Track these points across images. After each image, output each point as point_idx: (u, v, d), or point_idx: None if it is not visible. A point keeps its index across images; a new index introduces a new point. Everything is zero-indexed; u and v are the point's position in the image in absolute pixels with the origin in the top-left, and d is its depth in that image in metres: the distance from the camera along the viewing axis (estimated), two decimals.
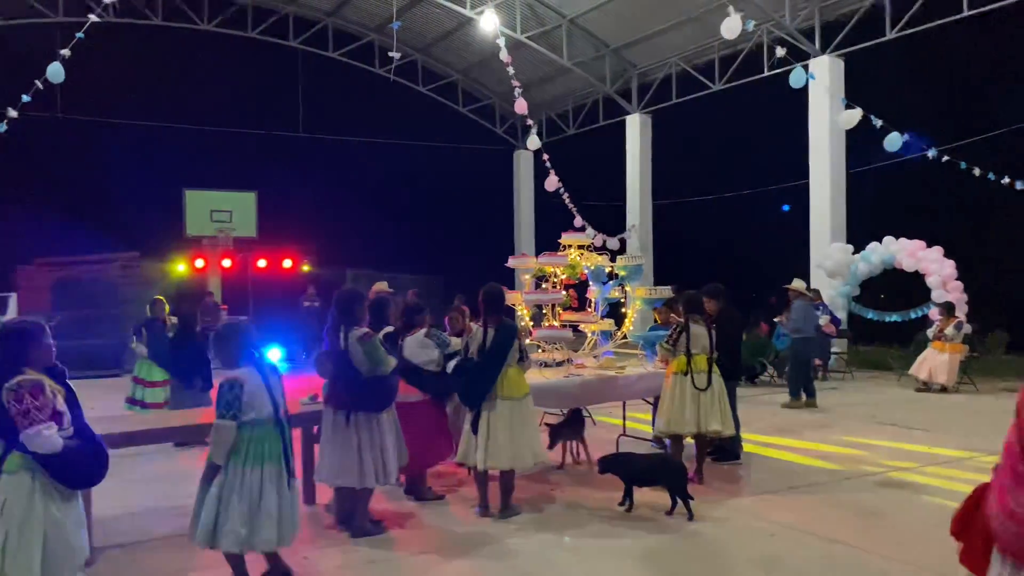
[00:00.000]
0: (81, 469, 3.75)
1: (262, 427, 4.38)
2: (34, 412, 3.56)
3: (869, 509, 6.04)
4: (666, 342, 6.85)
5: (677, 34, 18.31)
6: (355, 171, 24.32)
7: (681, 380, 6.68)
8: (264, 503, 4.32)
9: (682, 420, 6.63)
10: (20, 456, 3.58)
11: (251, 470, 4.32)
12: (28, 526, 3.55)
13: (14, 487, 3.57)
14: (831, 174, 15.57)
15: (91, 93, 18.48)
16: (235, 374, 4.36)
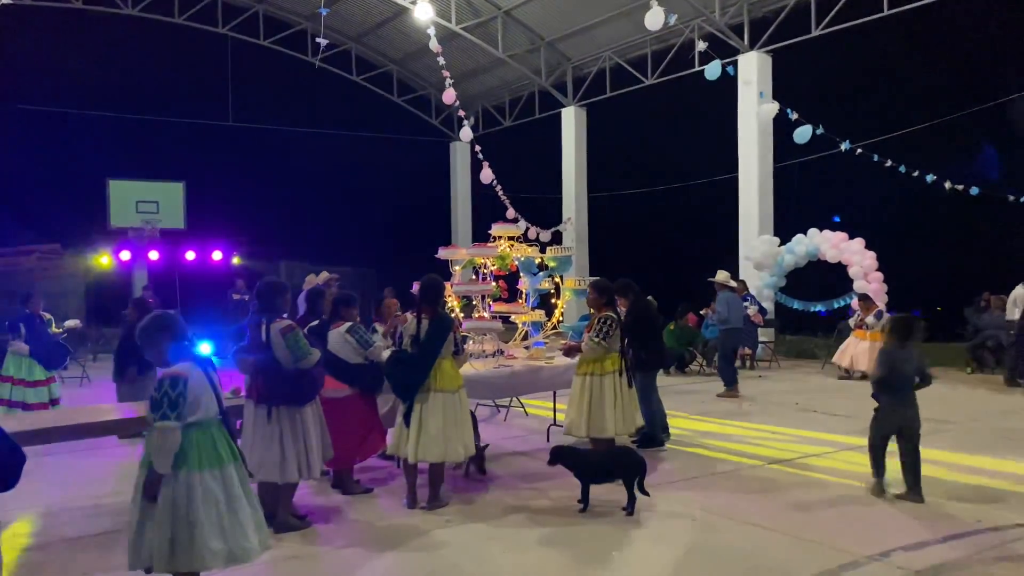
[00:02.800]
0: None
1: (212, 426, 3.94)
2: None
3: (787, 493, 6.22)
4: (595, 336, 6.44)
5: (611, 28, 18.47)
6: (287, 161, 23.93)
7: (612, 379, 6.45)
8: (240, 509, 3.91)
9: (610, 422, 6.41)
10: None
11: (211, 474, 3.83)
12: None
13: None
14: (759, 168, 15.96)
15: (9, 78, 17.73)
16: (176, 369, 3.85)
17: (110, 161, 19.81)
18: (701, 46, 13.75)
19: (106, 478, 6.91)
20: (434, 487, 5.90)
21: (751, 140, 16.02)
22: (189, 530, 3.74)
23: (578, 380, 6.58)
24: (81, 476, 7.05)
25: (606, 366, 6.49)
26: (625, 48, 19.03)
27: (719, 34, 16.09)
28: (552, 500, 6.03)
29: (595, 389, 6.47)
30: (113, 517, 5.64)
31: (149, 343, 4.02)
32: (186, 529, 3.74)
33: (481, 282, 7.73)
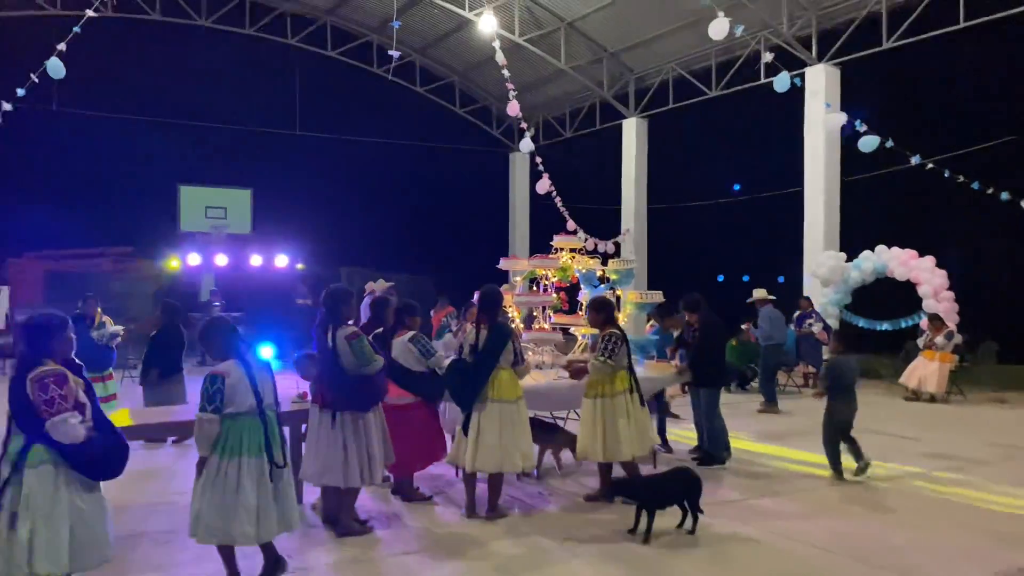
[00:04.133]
0: (103, 460, 3.83)
1: (242, 420, 4.31)
2: (59, 401, 3.65)
3: (853, 517, 6.06)
4: (601, 355, 6.08)
5: (674, 39, 18.36)
6: (350, 170, 24.32)
7: (624, 399, 6.10)
8: (241, 496, 4.24)
9: (624, 444, 6.07)
10: (43, 449, 3.64)
11: (228, 462, 4.27)
12: (54, 518, 3.61)
13: (38, 480, 3.62)
14: (825, 182, 15.64)
15: (87, 87, 18.43)
16: (218, 368, 4.34)
17: (181, 167, 20.45)
18: (768, 57, 13.53)
19: (161, 477, 7.11)
20: (493, 497, 5.91)
21: (817, 153, 15.72)
22: (211, 509, 4.24)
23: (588, 403, 6.25)
24: (138, 474, 7.25)
25: (616, 386, 6.11)
26: (689, 59, 18.89)
27: (786, 46, 15.85)
28: (612, 515, 5.98)
29: (607, 411, 6.10)
30: (170, 516, 5.79)
31: (207, 342, 4.50)
32: (208, 508, 4.25)
33: (542, 293, 7.73)
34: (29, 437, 3.67)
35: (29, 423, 3.66)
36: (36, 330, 3.84)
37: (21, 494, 3.61)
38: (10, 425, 3.75)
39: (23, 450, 3.66)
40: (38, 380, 3.66)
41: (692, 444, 8.21)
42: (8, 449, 3.71)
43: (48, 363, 3.76)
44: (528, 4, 18.74)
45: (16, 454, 3.67)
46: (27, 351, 3.80)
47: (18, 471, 3.64)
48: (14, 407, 3.73)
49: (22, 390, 3.68)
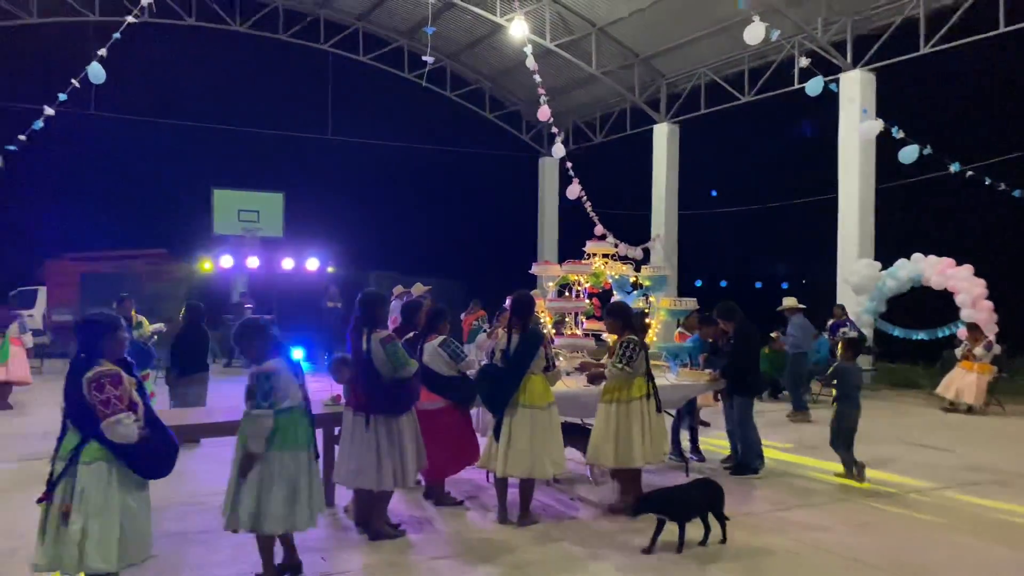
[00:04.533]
0: (155, 458, 3.91)
1: (295, 414, 4.51)
2: (114, 401, 3.71)
3: (890, 529, 5.95)
4: (618, 362, 5.98)
5: (707, 44, 18.24)
6: (381, 174, 24.48)
7: (640, 405, 5.99)
8: (300, 486, 4.45)
9: (638, 451, 5.95)
10: (97, 446, 3.73)
11: (288, 455, 4.44)
12: (107, 514, 3.69)
13: (92, 476, 3.70)
14: (860, 188, 15.42)
15: (124, 91, 18.73)
16: (267, 366, 4.43)
17: (215, 171, 20.69)
18: (804, 63, 13.37)
19: (204, 477, 7.16)
20: (525, 503, 5.88)
21: (852, 160, 15.51)
22: (267, 501, 4.35)
23: (603, 407, 6.18)
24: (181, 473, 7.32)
25: (632, 392, 6.02)
26: (721, 65, 18.75)
27: (820, 51, 15.66)
28: (644, 523, 5.92)
29: (621, 417, 6.00)
30: (216, 515, 5.83)
31: (245, 343, 4.58)
32: (265, 500, 4.35)
33: (574, 299, 7.69)
34: (84, 434, 3.74)
35: (84, 421, 3.73)
36: (90, 330, 3.90)
37: (75, 490, 3.68)
38: (65, 422, 3.83)
39: (78, 447, 3.73)
40: (94, 380, 3.72)
41: (725, 453, 8.12)
42: (62, 445, 3.79)
43: (103, 363, 3.82)
44: (559, 9, 18.73)
45: (71, 451, 3.74)
46: (82, 351, 3.86)
47: (72, 467, 3.71)
48: (69, 405, 3.81)
49: (78, 390, 3.74)
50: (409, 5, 20.39)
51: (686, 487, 5.76)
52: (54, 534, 3.66)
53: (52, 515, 3.68)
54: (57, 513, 3.66)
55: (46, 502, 3.73)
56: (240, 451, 4.45)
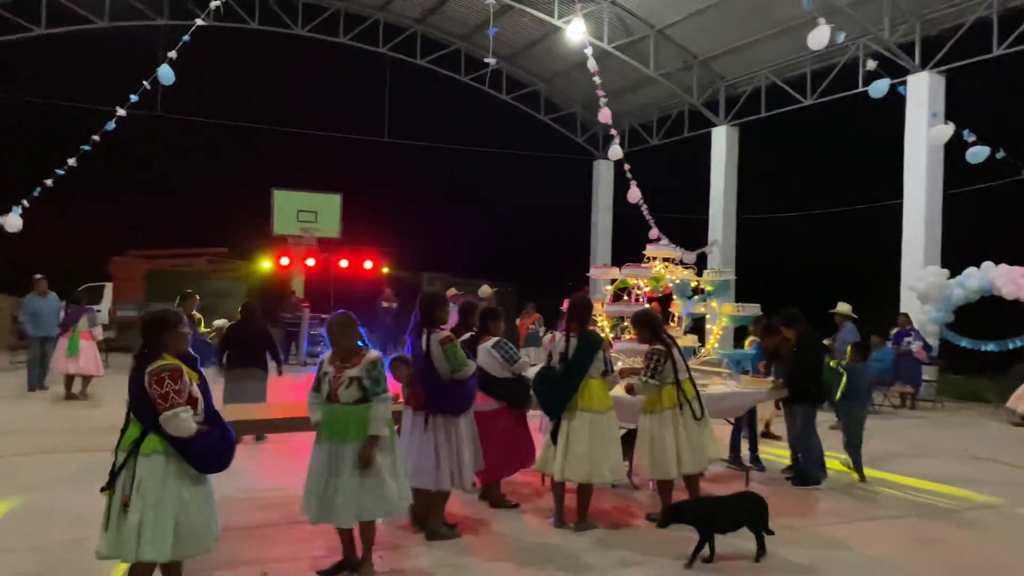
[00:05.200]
0: (212, 454, 3.96)
1: None
2: (173, 395, 3.78)
3: (958, 547, 5.73)
4: (645, 374, 5.87)
5: (768, 46, 17.91)
6: (436, 176, 24.65)
7: (672, 415, 5.84)
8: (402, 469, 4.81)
9: (673, 461, 5.81)
10: (157, 439, 3.81)
11: (393, 437, 4.79)
12: (162, 506, 3.76)
13: (150, 468, 3.78)
14: (927, 194, 14.96)
15: (188, 93, 19.21)
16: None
17: (275, 172, 21.07)
18: (871, 65, 13.00)
19: (263, 472, 7.27)
20: (582, 508, 5.82)
21: (919, 164, 15.04)
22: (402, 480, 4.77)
23: (640, 419, 6.08)
24: (241, 469, 7.44)
25: (663, 402, 5.88)
26: (782, 67, 18.39)
27: (887, 53, 15.24)
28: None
29: (655, 428, 5.89)
30: (277, 509, 5.92)
31: (344, 334, 4.76)
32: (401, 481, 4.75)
33: (633, 303, 7.59)
34: (145, 427, 3.83)
35: (145, 414, 3.82)
36: (153, 326, 3.98)
37: (134, 480, 3.76)
38: (128, 414, 3.93)
39: (138, 439, 3.82)
40: (155, 374, 3.80)
41: (785, 463, 7.94)
42: (125, 436, 3.89)
43: (165, 358, 3.90)
44: (617, 11, 18.60)
45: (132, 442, 3.84)
46: (145, 346, 3.95)
47: (132, 458, 3.80)
48: (132, 398, 3.91)
49: (140, 383, 3.84)
50: (466, 8, 20.46)
51: (720, 498, 5.61)
52: (116, 523, 3.75)
53: (114, 504, 3.78)
54: (118, 503, 3.76)
55: (109, 491, 3.83)
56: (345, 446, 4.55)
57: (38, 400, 11.66)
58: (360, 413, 4.56)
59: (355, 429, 4.54)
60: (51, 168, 13.58)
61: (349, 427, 4.55)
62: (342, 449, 4.54)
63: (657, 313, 6.59)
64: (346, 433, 4.55)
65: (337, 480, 4.50)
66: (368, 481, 4.52)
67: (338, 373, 4.64)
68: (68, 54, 19.35)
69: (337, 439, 4.56)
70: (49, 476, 6.97)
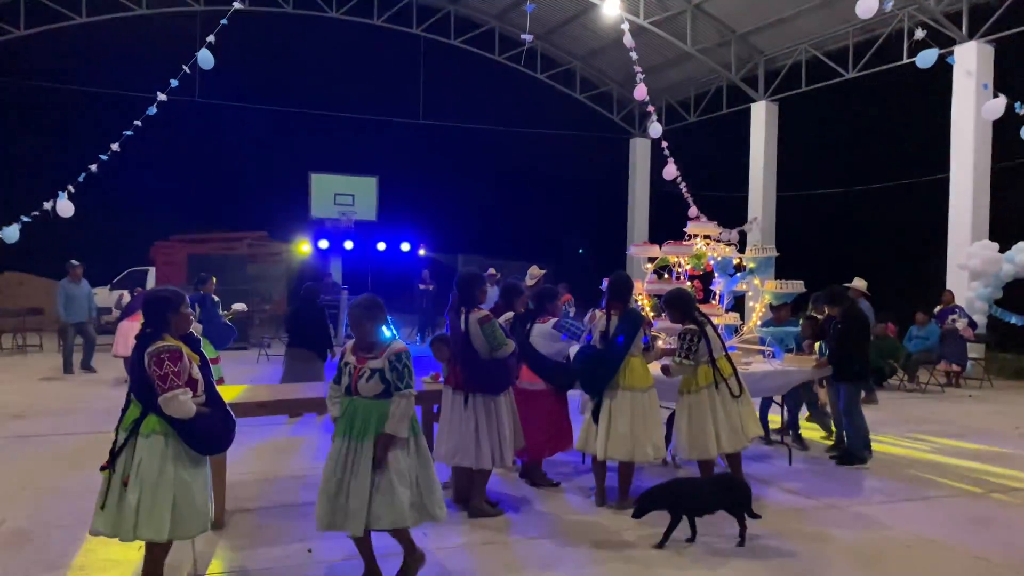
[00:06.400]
0: (211, 435, 3.94)
1: None
2: (172, 377, 3.76)
3: (1014, 525, 5.61)
4: (678, 356, 5.85)
5: (808, 19, 17.51)
6: (471, 157, 24.61)
7: (709, 394, 5.83)
8: (431, 472, 4.37)
9: (712, 441, 5.81)
10: (156, 420, 3.80)
11: (422, 440, 4.37)
12: (160, 487, 3.75)
13: (149, 449, 3.77)
14: (974, 168, 14.55)
15: (226, 78, 19.40)
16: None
17: (312, 155, 21.24)
18: (919, 34, 12.65)
19: (308, 451, 7.37)
20: (623, 486, 5.81)
21: (966, 137, 14.63)
22: (417, 490, 4.25)
23: (678, 399, 6.06)
24: (287, 447, 7.56)
25: (699, 381, 5.87)
26: (823, 40, 17.98)
27: (932, 23, 14.80)
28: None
29: (693, 408, 5.89)
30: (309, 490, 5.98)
31: (368, 320, 4.30)
32: (415, 489, 4.24)
33: (674, 281, 7.51)
34: (145, 407, 3.82)
35: (145, 395, 3.81)
36: (154, 305, 3.96)
37: (133, 461, 3.76)
38: (129, 395, 3.93)
39: (138, 419, 3.82)
40: (155, 355, 3.78)
41: (829, 443, 7.84)
42: (125, 416, 3.89)
43: (166, 338, 3.87)
44: None
45: (132, 422, 3.83)
46: (147, 326, 3.93)
47: (132, 438, 3.80)
48: (134, 378, 3.92)
49: (140, 363, 3.82)
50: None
51: (696, 481, 5.50)
52: (115, 502, 3.75)
53: (113, 484, 3.77)
54: (118, 482, 3.76)
55: (109, 470, 3.82)
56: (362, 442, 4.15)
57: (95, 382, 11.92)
58: (382, 408, 4.16)
59: (375, 426, 4.14)
60: (95, 154, 13.82)
61: (369, 423, 4.15)
62: (360, 447, 4.13)
63: (688, 292, 6.50)
64: (366, 430, 4.15)
65: (352, 481, 4.11)
66: (382, 485, 4.11)
67: (359, 364, 4.23)
68: (110, 41, 19.63)
69: (356, 435, 4.16)
70: None
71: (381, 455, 4.12)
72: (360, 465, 4.12)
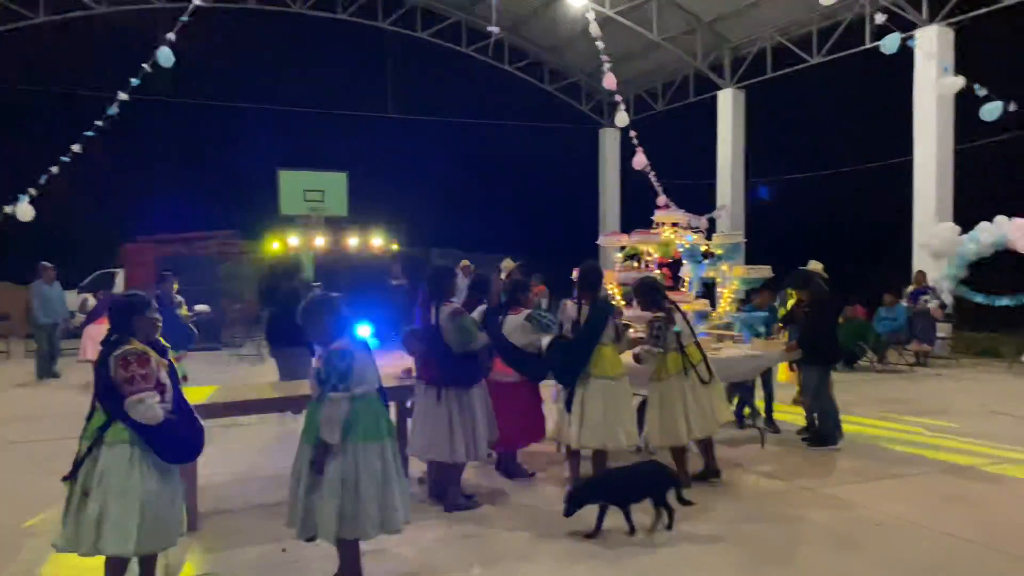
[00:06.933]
0: (179, 443, 3.82)
1: (374, 400, 4.12)
2: (139, 380, 3.65)
3: (983, 503, 5.72)
4: (648, 344, 5.89)
5: (773, 6, 17.65)
6: (441, 151, 24.51)
7: (678, 381, 5.90)
8: (388, 481, 4.05)
9: (682, 427, 5.87)
10: (122, 427, 3.67)
11: (372, 446, 4.02)
12: (126, 498, 3.60)
13: (114, 458, 3.64)
14: (937, 150, 14.79)
15: (191, 76, 19.15)
16: (340, 344, 4.04)
17: (280, 152, 21.01)
18: (880, 19, 12.80)
19: (286, 450, 7.29)
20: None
21: (928, 120, 14.85)
22: (355, 501, 3.93)
23: (649, 387, 6.12)
24: (264, 447, 7.50)
25: (669, 368, 5.94)
26: (788, 27, 18.14)
27: (894, 8, 14.98)
28: (725, 495, 5.84)
29: (663, 395, 5.96)
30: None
31: (315, 321, 4.15)
32: (353, 500, 3.93)
33: (643, 269, 7.55)
34: (111, 415, 3.70)
35: (111, 401, 3.69)
36: (119, 310, 3.88)
37: (96, 470, 3.62)
38: (94, 402, 3.80)
39: (103, 427, 3.69)
40: (121, 358, 3.67)
41: (801, 424, 7.94)
42: (89, 425, 3.75)
43: (132, 342, 3.77)
44: None
45: (96, 431, 3.70)
46: (112, 331, 3.84)
47: (96, 447, 3.66)
48: (99, 385, 3.77)
49: (106, 369, 3.71)
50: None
51: (621, 470, 5.46)
52: (75, 514, 3.61)
53: (75, 494, 3.63)
54: (79, 493, 3.61)
55: (71, 481, 3.67)
56: (307, 445, 4.03)
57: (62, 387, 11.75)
58: (319, 411, 3.97)
59: (315, 430, 3.96)
60: (57, 156, 13.59)
61: (311, 427, 4.02)
62: (304, 450, 4.06)
63: (656, 281, 6.55)
64: (309, 433, 4.04)
65: (298, 485, 4.05)
66: (314, 492, 3.96)
67: (318, 364, 4.11)
68: (70, 41, 19.29)
69: (304, 439, 4.09)
70: None
71: (317, 460, 3.95)
72: (303, 469, 4.03)
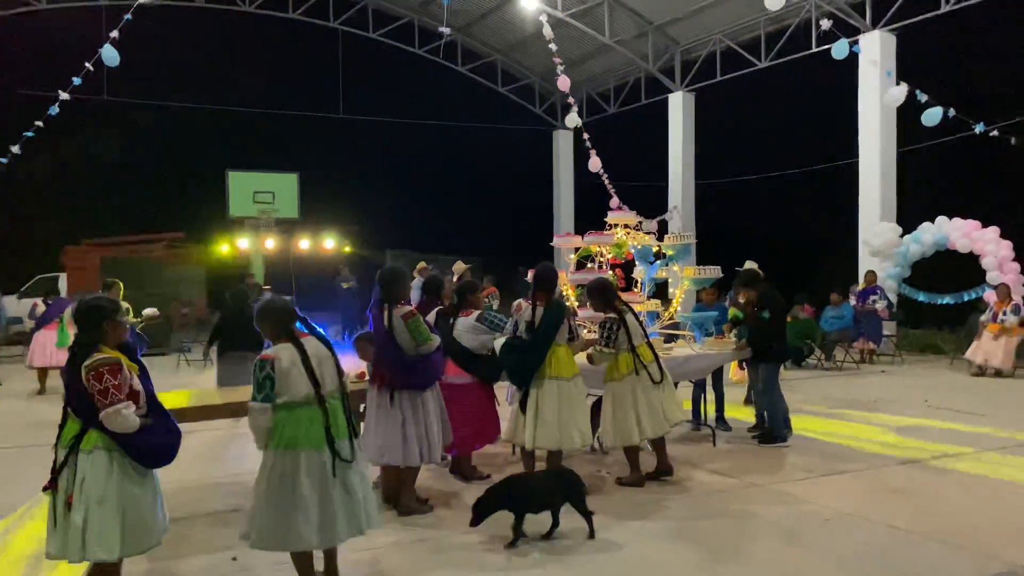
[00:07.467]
0: (156, 447, 3.79)
1: (299, 410, 3.95)
2: (113, 391, 3.60)
3: (925, 494, 5.87)
4: (600, 343, 5.97)
5: (722, 10, 17.92)
6: (394, 152, 24.38)
7: (630, 381, 5.94)
8: (299, 495, 3.87)
9: (634, 427, 5.91)
10: (97, 434, 3.63)
11: (285, 457, 3.91)
12: (107, 504, 3.60)
13: (92, 465, 3.61)
14: (881, 153, 15.16)
15: (136, 75, 18.70)
16: (268, 352, 4.01)
17: (229, 153, 20.65)
18: (825, 25, 13.10)
19: (241, 456, 7.18)
20: None
21: (873, 123, 15.23)
22: (267, 509, 3.90)
23: (604, 388, 6.18)
24: (215, 453, 7.36)
25: (621, 369, 5.98)
26: (737, 30, 18.43)
27: (839, 13, 15.32)
28: (681, 494, 5.90)
29: (616, 395, 6.01)
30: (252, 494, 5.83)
31: (265, 324, 4.17)
32: (264, 508, 3.91)
33: (597, 271, 7.59)
34: (85, 423, 3.65)
35: (84, 410, 3.64)
36: (88, 315, 3.79)
37: (76, 478, 3.60)
38: (66, 410, 3.74)
39: (78, 435, 3.65)
40: (93, 370, 3.61)
41: (752, 422, 8.06)
42: (63, 433, 3.70)
43: (103, 350, 3.71)
44: None
45: (71, 439, 3.65)
46: (81, 338, 3.76)
47: (73, 455, 3.63)
48: (70, 394, 3.70)
49: (77, 378, 3.64)
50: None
51: (531, 478, 5.46)
52: (61, 523, 3.60)
53: (58, 503, 3.62)
54: (62, 502, 3.60)
55: (52, 490, 3.65)
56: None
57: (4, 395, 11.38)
58: None
59: None
60: None
61: None
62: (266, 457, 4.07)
63: (609, 282, 6.59)
64: None
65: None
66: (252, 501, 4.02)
67: None
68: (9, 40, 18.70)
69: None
70: None
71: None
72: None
